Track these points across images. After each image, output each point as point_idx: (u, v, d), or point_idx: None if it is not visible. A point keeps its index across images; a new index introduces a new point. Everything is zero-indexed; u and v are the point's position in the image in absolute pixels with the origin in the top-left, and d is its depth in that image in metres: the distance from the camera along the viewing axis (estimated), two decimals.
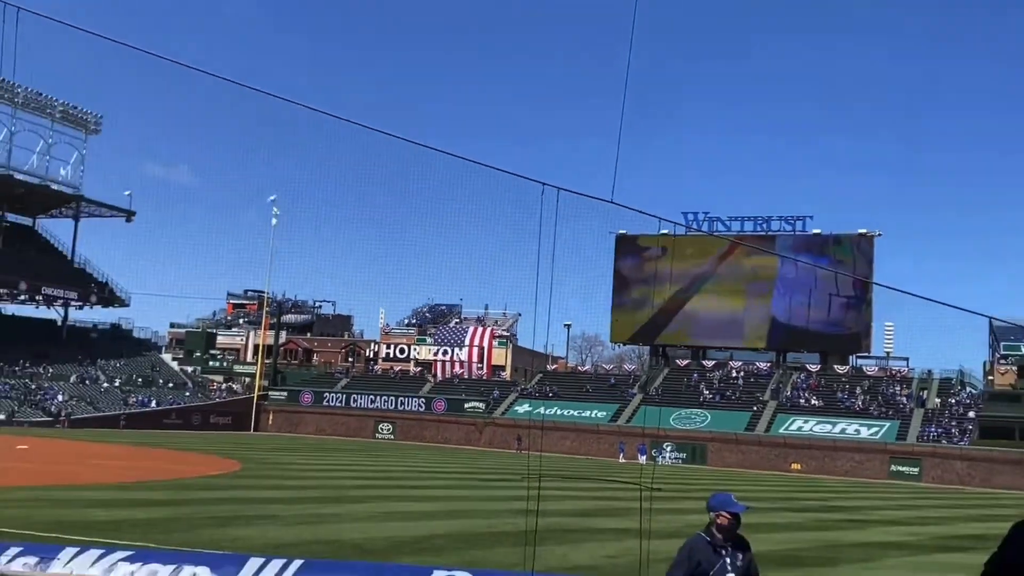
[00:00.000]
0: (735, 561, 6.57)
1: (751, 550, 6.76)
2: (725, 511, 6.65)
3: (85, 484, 25.56)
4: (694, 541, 6.63)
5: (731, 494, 6.81)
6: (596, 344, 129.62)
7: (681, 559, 6.56)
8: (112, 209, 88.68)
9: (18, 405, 68.34)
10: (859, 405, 71.38)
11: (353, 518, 20.57)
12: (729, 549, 6.59)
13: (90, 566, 10.19)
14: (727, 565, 6.54)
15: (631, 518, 22.12)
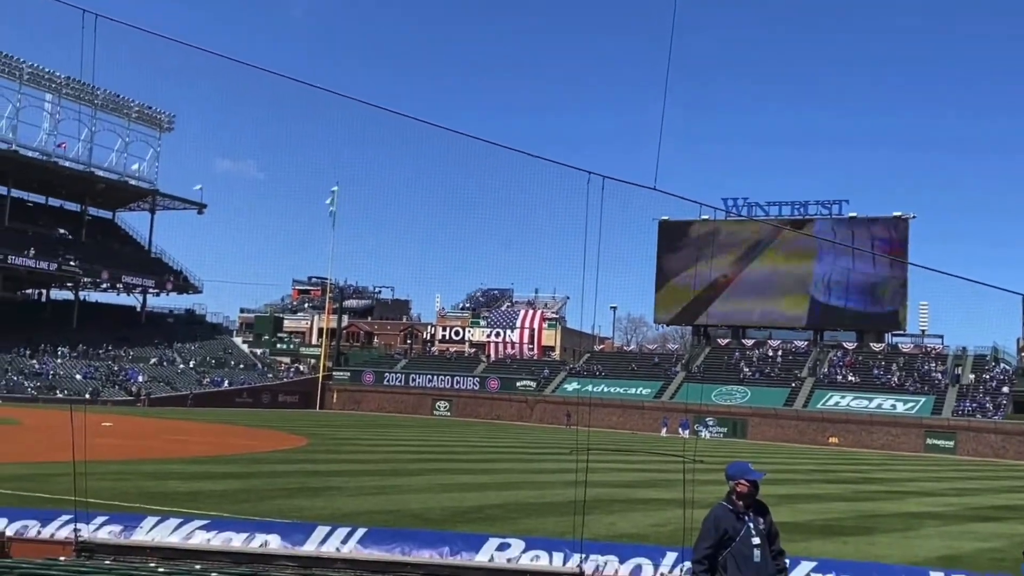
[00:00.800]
0: (757, 525, 6.55)
1: (770, 513, 6.74)
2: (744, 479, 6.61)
3: (164, 458, 26.13)
4: (717, 511, 6.60)
5: (748, 463, 6.78)
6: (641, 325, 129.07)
7: (707, 529, 6.52)
8: (185, 202, 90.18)
9: (102, 385, 69.99)
10: (895, 381, 70.23)
11: (413, 490, 20.78)
12: (751, 515, 6.56)
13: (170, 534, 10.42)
14: (751, 530, 6.51)
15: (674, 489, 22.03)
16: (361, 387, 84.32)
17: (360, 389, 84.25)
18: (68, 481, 11.06)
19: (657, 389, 74.67)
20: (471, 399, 79.97)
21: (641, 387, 75.15)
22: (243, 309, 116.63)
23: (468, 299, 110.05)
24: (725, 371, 76.41)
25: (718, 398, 70.09)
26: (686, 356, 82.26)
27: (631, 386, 75.46)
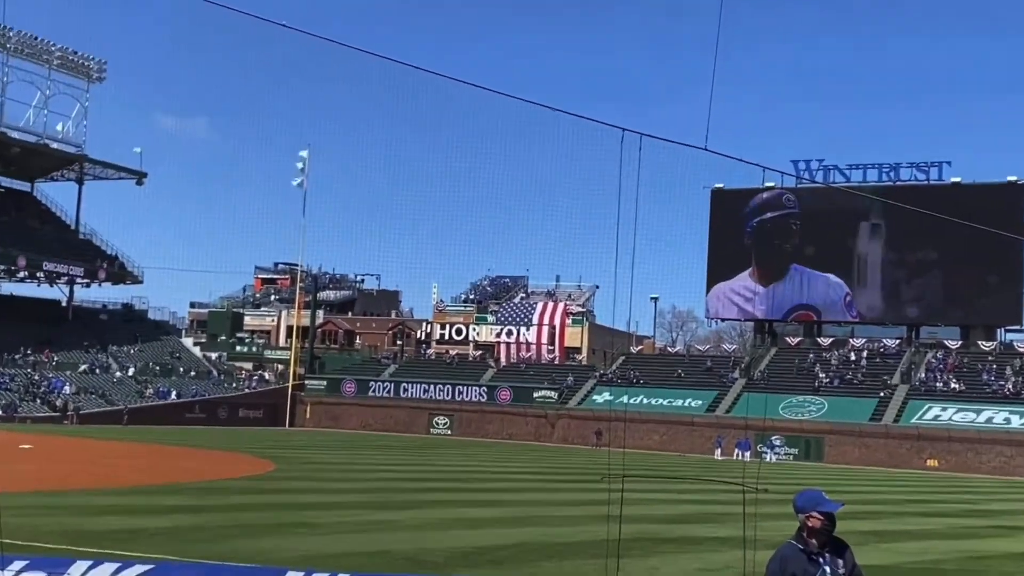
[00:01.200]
0: (835, 569, 6.50)
1: (851, 552, 6.70)
2: (817, 511, 6.57)
3: (97, 488, 26.25)
4: (785, 551, 6.57)
5: (821, 491, 6.73)
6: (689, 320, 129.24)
7: (772, 574, 6.51)
8: (120, 170, 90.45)
9: (20, 398, 70.40)
10: (1009, 389, 69.91)
11: (405, 526, 20.81)
12: (827, 556, 6.52)
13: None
14: (827, 574, 6.47)
15: (732, 525, 22.02)
16: (340, 399, 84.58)
17: (339, 402, 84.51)
18: None
19: (710, 401, 74.55)
20: (477, 414, 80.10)
21: (690, 398, 75.04)
22: (194, 303, 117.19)
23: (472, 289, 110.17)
24: (796, 377, 76.22)
25: (787, 411, 69.90)
26: (746, 359, 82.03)
27: (677, 397, 75.35)
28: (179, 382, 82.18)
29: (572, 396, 79.03)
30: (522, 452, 61.05)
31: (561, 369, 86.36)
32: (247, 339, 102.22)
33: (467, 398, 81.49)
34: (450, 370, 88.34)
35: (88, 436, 52.54)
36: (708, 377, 79.21)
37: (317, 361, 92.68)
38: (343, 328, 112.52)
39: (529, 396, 79.40)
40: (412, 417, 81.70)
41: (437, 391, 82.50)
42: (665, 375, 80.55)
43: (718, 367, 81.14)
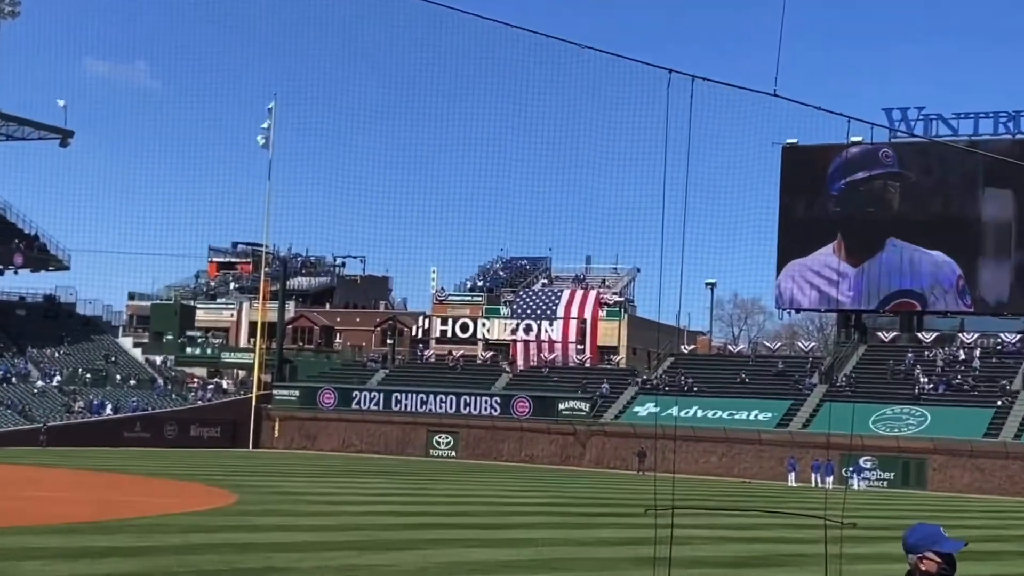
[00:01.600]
0: None
1: None
2: (933, 550, 6.53)
3: (16, 526, 26.38)
4: None
5: (939, 526, 6.68)
6: (755, 312, 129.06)
7: None
8: (40, 128, 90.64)
9: None
10: None
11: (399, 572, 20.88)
12: None
13: None
14: None
15: (811, 569, 21.98)
16: (317, 413, 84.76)
17: (315, 416, 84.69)
18: None
19: (782, 413, 74.36)
20: (487, 430, 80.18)
21: (756, 410, 74.89)
22: (133, 294, 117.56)
23: (481, 275, 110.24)
24: (891, 383, 76.04)
25: (879, 426, 69.71)
26: (828, 360, 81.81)
27: (740, 408, 75.22)
28: (116, 393, 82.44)
29: (608, 408, 78.96)
30: (545, 478, 61.07)
31: (594, 374, 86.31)
32: (200, 339, 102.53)
33: (475, 411, 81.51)
34: (454, 376, 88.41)
35: (2, 461, 52.80)
36: (779, 383, 79.00)
37: (288, 366, 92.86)
38: (319, 324, 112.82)
39: (554, 408, 79.37)
40: (407, 435, 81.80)
41: (438, 402, 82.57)
42: (725, 381, 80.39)
43: (792, 370, 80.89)
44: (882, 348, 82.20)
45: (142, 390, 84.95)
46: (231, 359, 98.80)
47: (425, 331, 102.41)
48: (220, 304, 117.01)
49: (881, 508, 45.36)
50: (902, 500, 55.67)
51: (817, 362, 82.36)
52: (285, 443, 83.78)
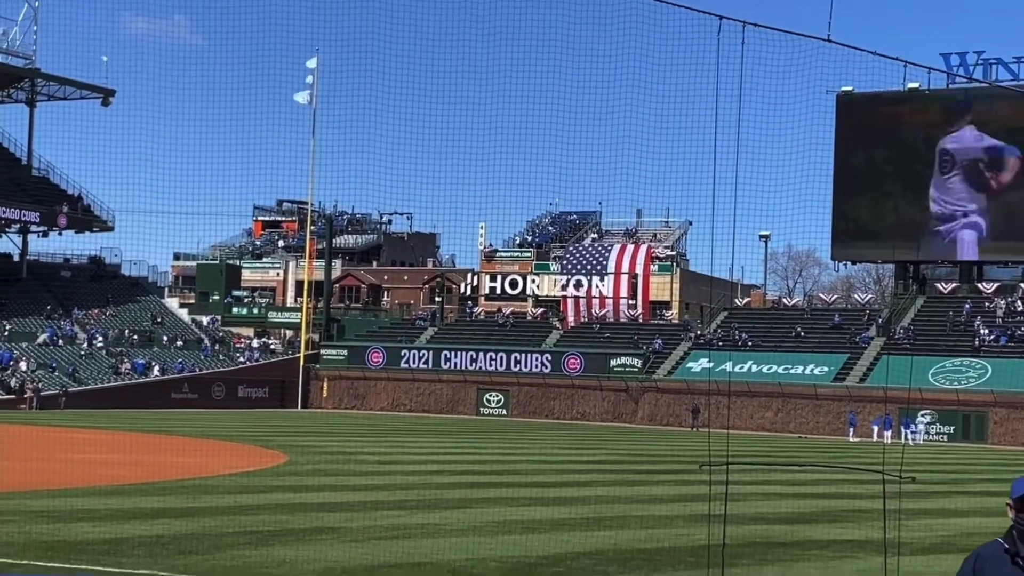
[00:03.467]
0: None
1: None
2: (1013, 498, 6.46)
3: (67, 488, 26.72)
4: (986, 548, 6.47)
5: None
6: (809, 264, 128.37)
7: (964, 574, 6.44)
8: (81, 87, 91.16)
9: None
10: None
11: (450, 531, 21.01)
12: None
13: None
14: None
15: (869, 524, 21.96)
16: (365, 372, 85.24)
17: (364, 376, 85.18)
18: None
19: (838, 367, 74.13)
20: (538, 388, 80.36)
21: (812, 364, 74.67)
22: (179, 255, 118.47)
23: (530, 230, 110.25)
24: (950, 335, 75.65)
25: (938, 379, 69.35)
26: (886, 312, 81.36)
27: (796, 363, 75.02)
28: (162, 354, 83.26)
29: (660, 364, 78.94)
30: (597, 436, 61.20)
31: (646, 329, 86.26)
32: (246, 298, 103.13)
33: (526, 368, 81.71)
34: (503, 333, 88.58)
35: (52, 424, 53.46)
36: (836, 336, 78.72)
37: (335, 325, 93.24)
38: (367, 282, 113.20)
39: (605, 365, 79.45)
40: (457, 394, 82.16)
41: (487, 360, 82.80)
42: (780, 335, 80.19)
43: (848, 323, 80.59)
44: (941, 300, 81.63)
45: (189, 351, 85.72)
46: (278, 319, 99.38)
47: (474, 288, 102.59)
48: (266, 263, 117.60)
49: (940, 463, 45.20)
50: (962, 454, 55.42)
51: (874, 315, 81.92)
52: (334, 403, 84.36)
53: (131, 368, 79.15)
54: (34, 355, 77.13)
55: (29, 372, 74.06)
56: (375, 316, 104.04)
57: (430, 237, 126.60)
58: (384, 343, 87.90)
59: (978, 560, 6.40)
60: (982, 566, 6.37)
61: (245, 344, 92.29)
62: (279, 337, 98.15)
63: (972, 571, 6.37)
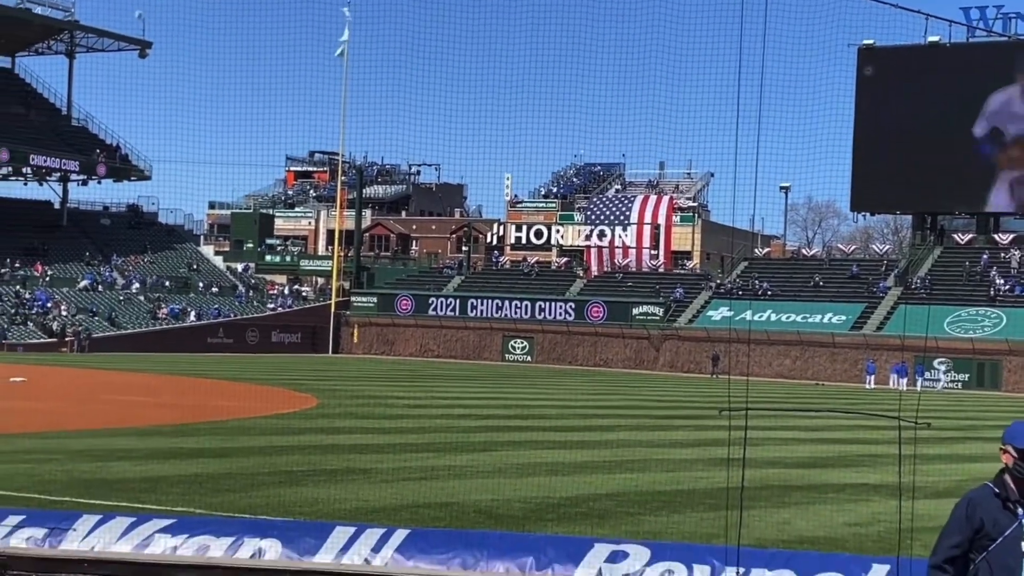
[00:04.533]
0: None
1: None
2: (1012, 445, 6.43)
3: (106, 428, 26.96)
4: (976, 493, 6.46)
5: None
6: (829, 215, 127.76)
7: (957, 519, 6.41)
8: (119, 39, 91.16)
9: (9, 321, 72.27)
10: None
11: (476, 473, 21.10)
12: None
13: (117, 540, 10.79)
14: (1022, 530, 6.35)
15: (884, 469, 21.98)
16: (394, 319, 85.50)
17: (393, 323, 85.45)
18: None
19: (856, 316, 74.00)
20: (562, 335, 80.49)
21: (830, 313, 74.54)
22: (214, 204, 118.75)
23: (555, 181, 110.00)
24: (966, 285, 75.32)
25: (954, 328, 69.20)
26: (903, 262, 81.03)
27: (814, 312, 74.89)
28: (198, 300, 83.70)
29: (681, 312, 78.93)
30: (619, 382, 61.29)
31: (667, 279, 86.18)
32: (279, 247, 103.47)
33: (550, 316, 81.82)
34: (528, 282, 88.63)
35: (92, 366, 53.85)
36: (854, 286, 78.51)
37: (365, 273, 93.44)
38: (396, 232, 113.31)
39: (627, 313, 79.45)
40: (483, 340, 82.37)
41: (513, 308, 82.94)
42: (799, 285, 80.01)
43: (866, 273, 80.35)
44: (958, 250, 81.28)
45: (224, 297, 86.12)
46: (310, 267, 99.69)
47: (500, 238, 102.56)
48: (298, 212, 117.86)
49: (955, 409, 45.12)
50: (976, 401, 55.32)
51: (892, 265, 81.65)
52: (364, 348, 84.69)
53: (168, 313, 79.59)
54: (75, 300, 77.66)
55: (70, 316, 74.58)
56: (404, 264, 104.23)
57: (457, 188, 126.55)
58: (412, 291, 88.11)
59: (970, 504, 6.40)
60: (974, 510, 6.37)
61: (278, 291, 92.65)
62: (311, 284, 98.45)
63: (965, 515, 6.38)
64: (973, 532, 6.32)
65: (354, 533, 10.68)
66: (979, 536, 6.31)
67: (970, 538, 6.34)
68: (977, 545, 6.33)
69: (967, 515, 6.37)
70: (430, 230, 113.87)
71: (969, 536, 6.34)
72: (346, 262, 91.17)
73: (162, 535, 10.86)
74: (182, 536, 10.84)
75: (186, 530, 11.01)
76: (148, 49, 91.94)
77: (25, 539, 10.95)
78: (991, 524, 6.29)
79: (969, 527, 6.33)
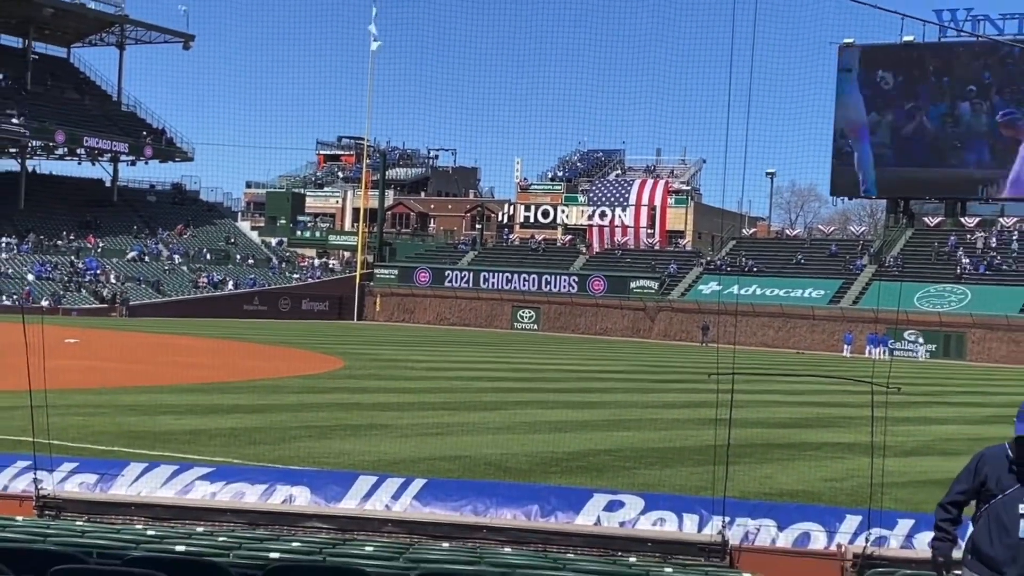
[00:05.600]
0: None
1: None
2: None
3: (152, 386, 27.09)
4: (991, 450, 6.52)
5: None
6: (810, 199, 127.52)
7: (968, 470, 6.51)
8: (164, 32, 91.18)
9: (64, 288, 72.48)
10: None
11: (487, 429, 21.18)
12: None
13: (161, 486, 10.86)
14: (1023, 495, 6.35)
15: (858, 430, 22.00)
16: (414, 290, 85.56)
17: (412, 293, 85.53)
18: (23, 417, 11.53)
19: (834, 291, 73.92)
20: (566, 306, 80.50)
21: (811, 288, 74.46)
22: (250, 183, 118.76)
23: (561, 165, 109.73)
24: (935, 263, 75.13)
25: (923, 302, 69.12)
26: (877, 243, 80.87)
27: (796, 287, 74.81)
28: (236, 271, 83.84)
29: (675, 286, 78.88)
30: (617, 349, 61.36)
31: (662, 256, 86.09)
32: (309, 223, 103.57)
33: (555, 289, 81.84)
34: (536, 257, 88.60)
35: (139, 330, 54.03)
36: (832, 264, 78.40)
37: (387, 248, 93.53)
38: (415, 210, 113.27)
39: (625, 286, 79.44)
40: (493, 310, 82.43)
41: (521, 281, 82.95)
42: (782, 262, 79.88)
43: (844, 252, 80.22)
44: (928, 232, 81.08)
45: (259, 268, 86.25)
46: (337, 241, 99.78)
47: (510, 217, 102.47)
48: (327, 192, 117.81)
49: (924, 377, 45.11)
50: (943, 370, 55.30)
51: (867, 245, 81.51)
52: (386, 316, 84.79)
53: (208, 282, 79.76)
54: (123, 269, 77.88)
55: (119, 284, 74.80)
56: (422, 240, 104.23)
57: (472, 171, 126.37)
58: (430, 264, 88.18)
59: (981, 460, 6.48)
60: (983, 465, 6.44)
61: (308, 263, 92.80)
62: (338, 258, 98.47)
63: (974, 468, 6.46)
64: (979, 484, 6.41)
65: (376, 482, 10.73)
66: (984, 489, 6.40)
67: (976, 489, 6.44)
68: (982, 496, 6.43)
69: (975, 468, 6.48)
70: (447, 209, 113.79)
71: (975, 487, 6.45)
72: (370, 237, 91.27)
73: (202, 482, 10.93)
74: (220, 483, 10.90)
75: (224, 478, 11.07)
76: (191, 41, 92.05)
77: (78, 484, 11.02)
78: (995, 481, 6.36)
79: (975, 479, 6.45)
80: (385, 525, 10.05)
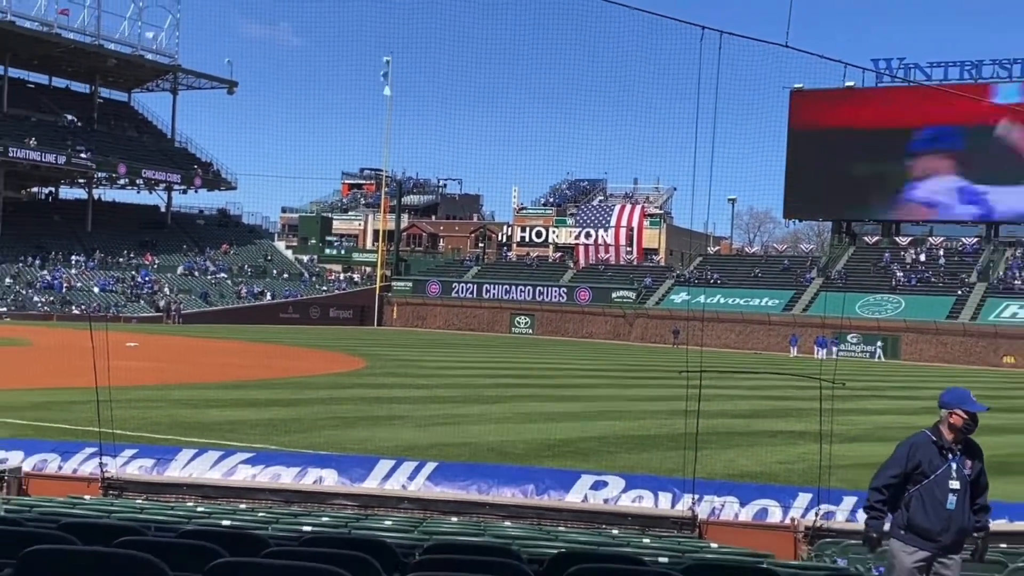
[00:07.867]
0: (962, 468, 6.43)
1: (982, 460, 6.61)
2: (961, 409, 6.49)
3: (200, 383, 27.07)
4: (918, 438, 6.55)
5: (968, 391, 6.64)
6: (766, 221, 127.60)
7: (898, 456, 6.52)
8: (212, 80, 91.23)
9: (125, 299, 72.44)
10: None
11: (489, 419, 21.17)
12: (958, 454, 6.46)
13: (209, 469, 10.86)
14: (951, 471, 6.39)
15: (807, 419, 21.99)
16: (425, 300, 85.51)
17: (424, 302, 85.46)
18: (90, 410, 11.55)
19: (787, 300, 73.95)
20: (557, 313, 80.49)
21: (767, 297, 74.49)
22: (285, 208, 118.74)
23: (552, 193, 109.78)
24: (873, 276, 75.11)
25: (864, 310, 69.14)
26: (824, 259, 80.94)
27: (754, 296, 74.84)
28: (272, 284, 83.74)
29: (650, 296, 78.87)
30: (601, 351, 61.37)
31: (639, 270, 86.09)
32: (336, 242, 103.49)
33: (547, 299, 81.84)
34: (530, 271, 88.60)
35: (188, 335, 54.00)
36: (785, 277, 78.41)
37: (403, 263, 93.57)
38: (427, 231, 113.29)
39: (608, 296, 79.44)
40: (494, 317, 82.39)
41: (518, 292, 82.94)
42: (742, 275, 79.90)
43: (795, 267, 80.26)
44: (868, 249, 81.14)
45: (292, 281, 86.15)
46: (360, 258, 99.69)
47: (508, 237, 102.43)
48: (351, 216, 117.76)
49: (864, 374, 45.12)
50: (881, 368, 55.34)
51: (815, 260, 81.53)
52: (402, 323, 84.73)
53: (248, 293, 79.71)
54: (175, 283, 77.83)
55: (172, 295, 74.74)
56: (433, 257, 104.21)
57: (475, 197, 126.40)
58: (440, 278, 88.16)
59: (912, 447, 6.50)
60: (915, 451, 6.46)
61: (335, 277, 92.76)
62: (360, 272, 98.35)
63: (907, 455, 6.47)
64: (912, 468, 6.43)
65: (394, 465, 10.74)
66: (916, 472, 6.41)
67: (907, 473, 6.45)
68: (913, 478, 6.43)
69: (908, 455, 6.48)
70: (454, 230, 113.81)
71: (907, 471, 6.46)
72: (388, 255, 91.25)
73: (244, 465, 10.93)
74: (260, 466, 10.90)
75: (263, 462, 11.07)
76: (235, 87, 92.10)
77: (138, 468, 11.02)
78: (927, 463, 6.39)
79: (909, 464, 6.45)
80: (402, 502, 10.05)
